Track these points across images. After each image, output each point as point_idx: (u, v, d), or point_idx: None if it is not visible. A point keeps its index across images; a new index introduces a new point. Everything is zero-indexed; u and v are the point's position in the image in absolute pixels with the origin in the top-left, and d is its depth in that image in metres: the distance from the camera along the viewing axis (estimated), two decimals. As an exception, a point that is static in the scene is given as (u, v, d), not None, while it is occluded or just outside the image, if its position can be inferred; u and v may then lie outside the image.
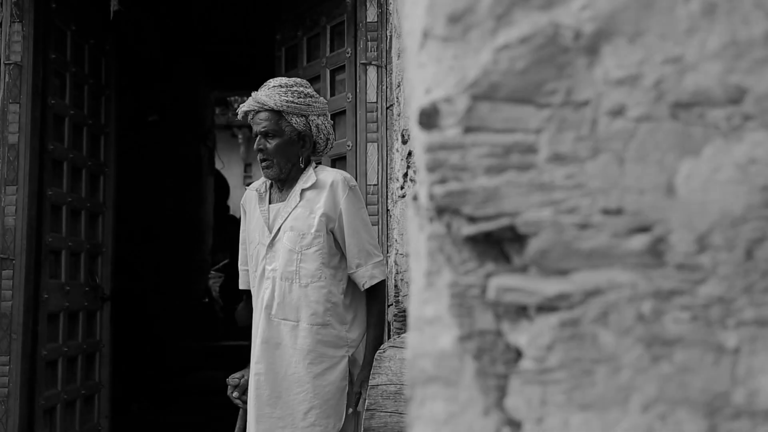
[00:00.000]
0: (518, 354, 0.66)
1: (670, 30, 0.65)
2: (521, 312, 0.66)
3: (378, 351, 2.03)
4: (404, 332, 2.90)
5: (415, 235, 0.72)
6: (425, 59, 0.70)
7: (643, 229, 0.64)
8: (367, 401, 1.90)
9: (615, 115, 0.65)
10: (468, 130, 0.67)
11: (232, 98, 10.73)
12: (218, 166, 8.17)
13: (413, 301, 0.72)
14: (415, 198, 0.77)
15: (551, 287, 0.64)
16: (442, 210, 0.69)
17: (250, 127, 2.49)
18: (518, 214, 0.66)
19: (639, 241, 0.64)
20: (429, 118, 0.68)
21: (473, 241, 0.69)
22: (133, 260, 5.93)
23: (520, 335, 0.65)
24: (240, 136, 12.75)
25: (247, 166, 13.08)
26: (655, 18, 0.65)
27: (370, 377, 1.93)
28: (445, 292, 0.67)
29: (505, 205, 0.66)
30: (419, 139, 0.71)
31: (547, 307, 0.65)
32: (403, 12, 0.85)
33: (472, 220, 0.67)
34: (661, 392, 0.62)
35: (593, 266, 0.64)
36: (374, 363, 1.96)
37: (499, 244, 0.69)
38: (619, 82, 0.65)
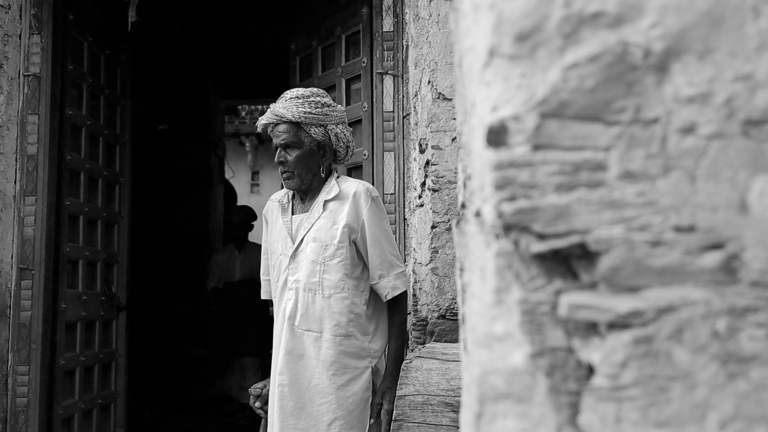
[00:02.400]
0: (590, 371, 0.66)
1: (739, 47, 0.65)
2: (591, 329, 0.67)
3: (404, 361, 2.02)
4: (423, 341, 2.89)
5: (481, 251, 0.73)
6: (491, 77, 0.70)
7: (716, 246, 0.64)
8: (394, 412, 1.89)
9: (686, 132, 0.66)
10: (537, 147, 0.68)
11: (241, 106, 10.75)
12: (228, 175, 8.18)
13: (479, 318, 0.72)
14: (477, 214, 0.77)
15: (624, 304, 0.65)
16: (510, 227, 0.69)
17: (257, 135, 2.50)
18: (589, 231, 0.66)
19: (712, 259, 0.64)
20: (497, 136, 0.69)
21: (541, 258, 0.69)
22: (144, 269, 5.95)
23: (592, 352, 0.65)
24: (247, 144, 12.77)
25: (255, 174, 13.09)
26: (724, 35, 0.66)
27: (397, 388, 1.93)
28: (515, 309, 0.68)
29: (575, 223, 0.66)
30: (484, 156, 0.72)
31: (620, 324, 0.65)
32: (458, 29, 0.86)
33: (541, 237, 0.67)
34: (738, 410, 0.62)
35: (665, 283, 0.65)
36: (401, 373, 1.96)
37: (566, 261, 0.69)
38: (689, 99, 0.66)
